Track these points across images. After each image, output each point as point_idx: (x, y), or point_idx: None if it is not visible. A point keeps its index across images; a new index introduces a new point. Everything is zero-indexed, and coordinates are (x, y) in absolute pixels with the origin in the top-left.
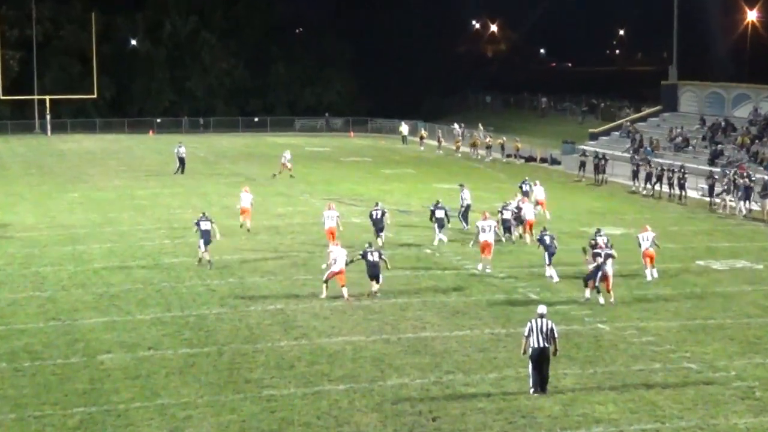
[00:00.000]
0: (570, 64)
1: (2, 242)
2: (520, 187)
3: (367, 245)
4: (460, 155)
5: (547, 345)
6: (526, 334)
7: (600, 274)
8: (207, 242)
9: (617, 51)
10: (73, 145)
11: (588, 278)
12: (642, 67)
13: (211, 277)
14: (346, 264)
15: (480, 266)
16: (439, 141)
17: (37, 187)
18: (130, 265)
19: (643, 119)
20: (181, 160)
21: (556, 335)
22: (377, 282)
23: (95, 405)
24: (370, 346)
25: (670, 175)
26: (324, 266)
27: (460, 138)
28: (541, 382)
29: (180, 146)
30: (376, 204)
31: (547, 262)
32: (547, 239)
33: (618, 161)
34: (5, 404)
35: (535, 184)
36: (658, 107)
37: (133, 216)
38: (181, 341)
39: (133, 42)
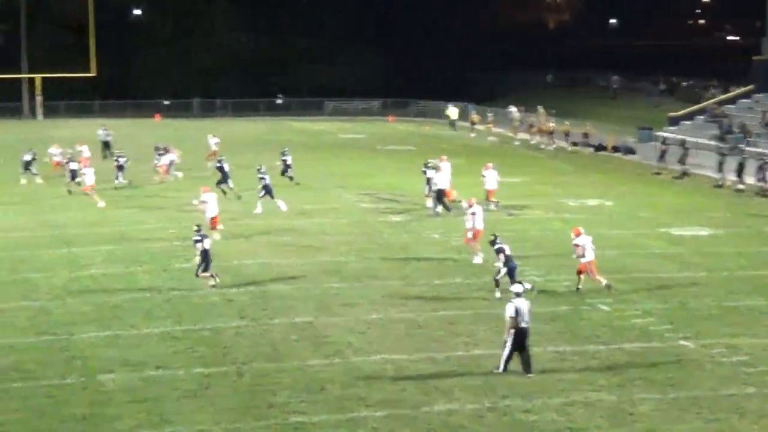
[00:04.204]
0: (738, 39)
1: None
2: (424, 172)
3: (196, 227)
4: (518, 143)
5: (528, 325)
6: (513, 314)
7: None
8: (73, 178)
9: (701, 21)
10: (67, 131)
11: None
12: (731, 39)
13: (229, 285)
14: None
15: (478, 259)
16: (487, 126)
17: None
18: (135, 271)
19: (732, 101)
20: (106, 144)
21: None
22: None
23: None
24: (414, 365)
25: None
26: (195, 202)
27: (519, 123)
28: (527, 363)
29: (104, 129)
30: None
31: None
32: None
33: (703, 150)
34: None
35: (486, 168)
36: (749, 87)
37: (137, 213)
38: (194, 359)
39: (137, 12)
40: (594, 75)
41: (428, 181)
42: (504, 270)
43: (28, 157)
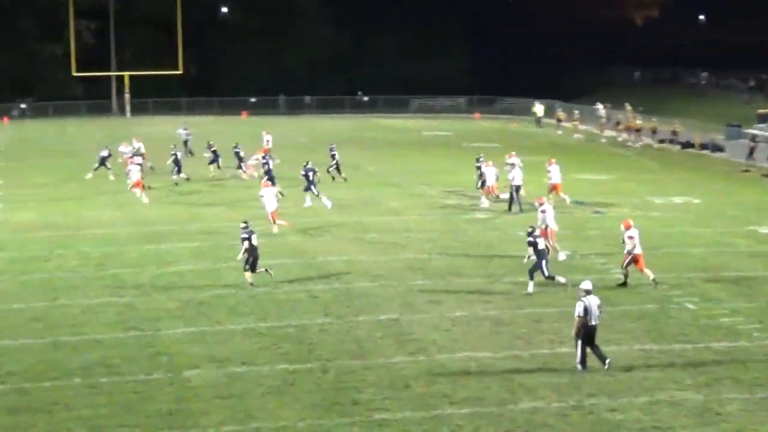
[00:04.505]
0: None
1: (76, 240)
2: (478, 167)
3: (243, 224)
4: (604, 140)
5: (597, 322)
6: (581, 314)
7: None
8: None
9: None
10: (154, 128)
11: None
12: None
13: (314, 281)
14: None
15: (562, 256)
16: (574, 123)
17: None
18: (220, 268)
19: None
20: (185, 143)
21: (603, 310)
22: (254, 270)
23: (181, 428)
24: (499, 363)
25: None
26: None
27: (605, 120)
28: (601, 356)
29: (185, 128)
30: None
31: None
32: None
33: None
34: (79, 426)
35: (550, 163)
36: None
37: (224, 211)
38: (278, 356)
39: (224, 9)
40: (682, 72)
41: (481, 175)
42: (531, 256)
43: (104, 153)
